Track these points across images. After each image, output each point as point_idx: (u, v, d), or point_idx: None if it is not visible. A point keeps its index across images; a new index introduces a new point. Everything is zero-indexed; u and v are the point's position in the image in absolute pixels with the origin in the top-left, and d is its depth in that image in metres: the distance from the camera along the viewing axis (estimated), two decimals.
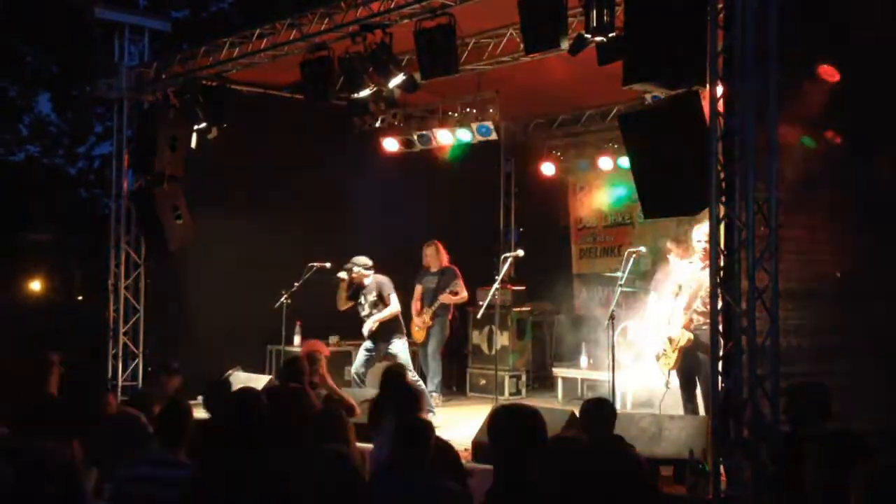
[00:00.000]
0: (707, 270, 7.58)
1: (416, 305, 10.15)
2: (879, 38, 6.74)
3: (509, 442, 3.49)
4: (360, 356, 9.47)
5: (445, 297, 9.84)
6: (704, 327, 7.54)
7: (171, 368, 7.41)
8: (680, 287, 7.92)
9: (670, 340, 7.86)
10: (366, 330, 9.44)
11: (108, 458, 4.77)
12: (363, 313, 9.53)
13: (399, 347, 9.43)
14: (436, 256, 10.03)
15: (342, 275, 9.47)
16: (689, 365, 7.85)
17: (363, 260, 9.52)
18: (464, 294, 10.00)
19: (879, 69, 6.74)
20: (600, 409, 5.33)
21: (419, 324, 10.06)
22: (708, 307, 7.53)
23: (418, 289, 10.20)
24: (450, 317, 10.12)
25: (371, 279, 9.50)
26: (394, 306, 9.45)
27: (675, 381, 8.23)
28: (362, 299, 9.54)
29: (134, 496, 4.23)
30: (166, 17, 13.09)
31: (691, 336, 7.73)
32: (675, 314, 7.86)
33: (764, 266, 5.76)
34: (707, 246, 7.55)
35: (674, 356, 7.87)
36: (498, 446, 3.58)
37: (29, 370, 6.55)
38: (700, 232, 7.84)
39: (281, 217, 10.75)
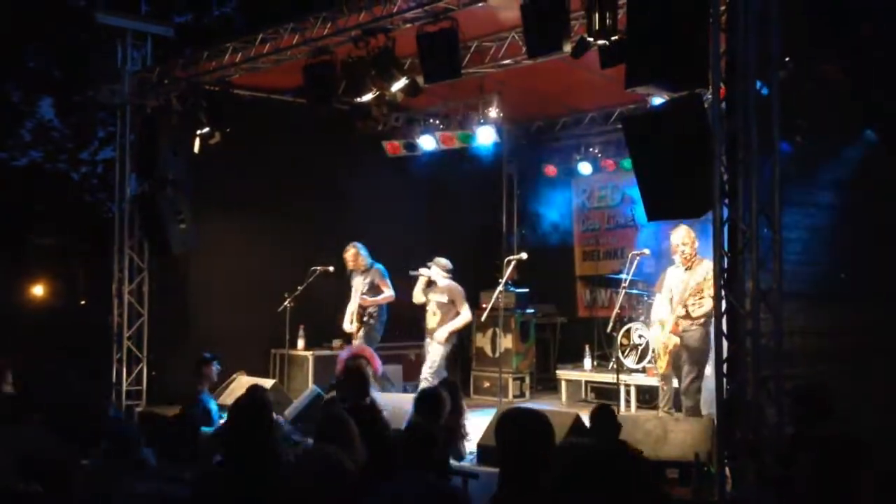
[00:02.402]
0: (688, 274, 7.84)
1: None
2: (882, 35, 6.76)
3: (516, 446, 3.49)
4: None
5: (365, 301, 9.64)
6: (683, 331, 7.89)
7: None
8: (671, 291, 8.11)
9: (662, 344, 8.12)
10: (440, 336, 9.32)
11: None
12: (429, 310, 9.52)
13: (434, 350, 9.36)
14: (356, 259, 9.87)
15: (423, 271, 9.52)
16: (677, 366, 8.04)
17: (443, 262, 9.54)
18: (388, 293, 9.76)
19: (884, 70, 6.76)
20: (608, 415, 5.39)
21: (352, 329, 9.87)
22: (687, 310, 7.77)
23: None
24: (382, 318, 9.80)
25: (445, 283, 9.49)
26: (465, 315, 9.44)
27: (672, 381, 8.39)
28: (432, 298, 9.51)
29: None
30: (169, 22, 13.04)
31: (678, 340, 7.91)
32: (669, 318, 8.05)
33: (768, 268, 5.76)
34: (686, 249, 7.82)
35: (665, 358, 8.07)
36: (505, 450, 3.58)
37: None
38: (678, 237, 7.99)
39: (284, 221, 10.77)
